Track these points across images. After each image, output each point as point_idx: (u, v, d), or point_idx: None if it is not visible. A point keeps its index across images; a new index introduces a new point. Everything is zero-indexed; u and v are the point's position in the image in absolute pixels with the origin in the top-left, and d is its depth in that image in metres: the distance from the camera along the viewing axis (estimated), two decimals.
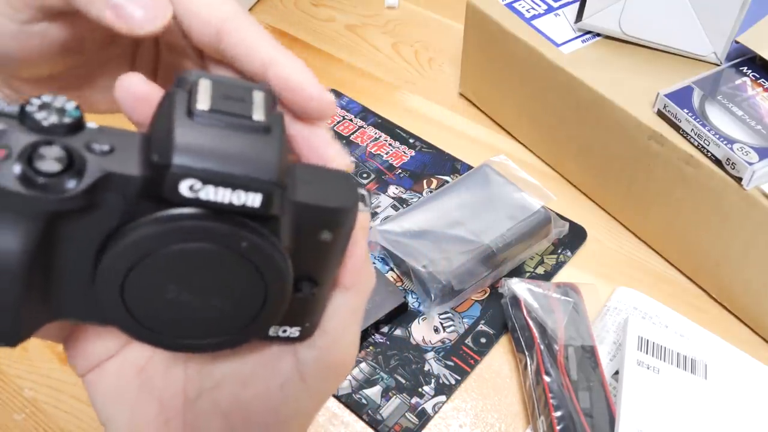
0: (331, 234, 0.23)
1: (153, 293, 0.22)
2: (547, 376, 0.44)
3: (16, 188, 0.19)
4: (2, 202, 0.19)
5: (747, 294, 0.49)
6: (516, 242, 0.52)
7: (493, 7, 0.60)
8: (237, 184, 0.20)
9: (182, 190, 0.20)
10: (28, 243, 0.20)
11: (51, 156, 0.19)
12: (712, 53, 0.53)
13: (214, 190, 0.20)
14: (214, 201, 0.20)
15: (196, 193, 0.20)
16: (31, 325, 0.23)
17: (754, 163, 0.44)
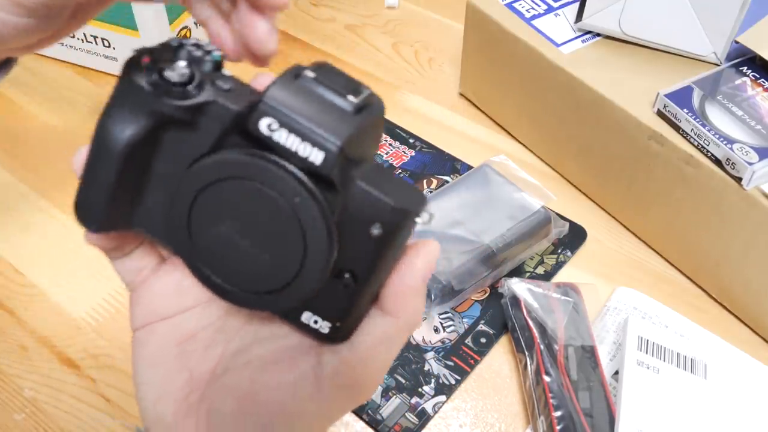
0: (381, 230, 0.23)
1: (211, 222, 0.24)
2: (547, 376, 0.44)
3: (143, 83, 0.23)
4: (127, 93, 0.23)
5: (747, 294, 0.49)
6: (516, 242, 0.52)
7: (493, 7, 0.60)
8: (307, 136, 0.22)
9: (261, 127, 0.22)
10: (136, 134, 0.24)
11: (179, 70, 0.23)
12: (712, 53, 0.53)
13: (287, 135, 0.22)
14: (283, 144, 0.22)
15: (272, 133, 0.22)
16: (115, 219, 0.26)
17: (754, 163, 0.44)
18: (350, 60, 0.75)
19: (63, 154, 0.63)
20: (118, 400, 0.47)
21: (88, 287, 0.53)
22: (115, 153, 0.24)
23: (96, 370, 0.49)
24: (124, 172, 0.25)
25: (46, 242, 0.57)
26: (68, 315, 0.52)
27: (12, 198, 0.60)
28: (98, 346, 0.50)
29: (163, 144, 0.25)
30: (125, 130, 0.24)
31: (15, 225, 0.58)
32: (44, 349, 0.50)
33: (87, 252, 0.56)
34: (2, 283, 0.54)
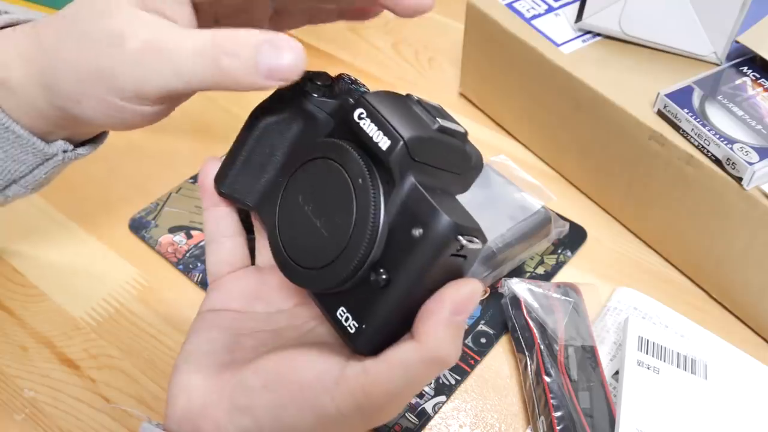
0: (421, 233, 0.24)
1: (296, 195, 0.29)
2: (547, 376, 0.44)
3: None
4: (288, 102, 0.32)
5: (747, 294, 0.49)
6: (516, 242, 0.52)
7: (493, 7, 0.60)
8: (383, 125, 0.26)
9: (354, 115, 0.26)
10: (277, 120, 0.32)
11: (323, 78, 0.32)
12: (713, 53, 0.53)
13: (369, 123, 0.26)
14: (365, 131, 0.26)
15: (360, 121, 0.26)
16: (239, 190, 0.33)
17: (755, 163, 0.44)
18: (350, 60, 0.75)
19: None
20: (118, 401, 0.47)
21: (88, 287, 0.53)
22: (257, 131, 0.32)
23: (96, 370, 0.49)
24: (256, 150, 0.32)
25: (46, 242, 0.57)
26: (68, 315, 0.52)
27: None
28: (98, 346, 0.50)
29: (290, 132, 0.31)
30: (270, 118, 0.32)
31: (15, 225, 0.58)
32: (44, 349, 0.50)
33: (87, 252, 0.56)
34: (2, 283, 0.54)
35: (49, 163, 0.35)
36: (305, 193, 0.28)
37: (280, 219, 0.29)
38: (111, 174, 0.62)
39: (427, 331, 0.25)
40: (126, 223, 0.58)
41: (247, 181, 0.32)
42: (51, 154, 0.34)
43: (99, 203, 0.60)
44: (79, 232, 0.58)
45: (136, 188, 0.61)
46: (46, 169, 0.36)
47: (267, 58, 0.25)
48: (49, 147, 0.34)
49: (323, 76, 0.32)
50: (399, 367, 0.25)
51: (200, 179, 0.34)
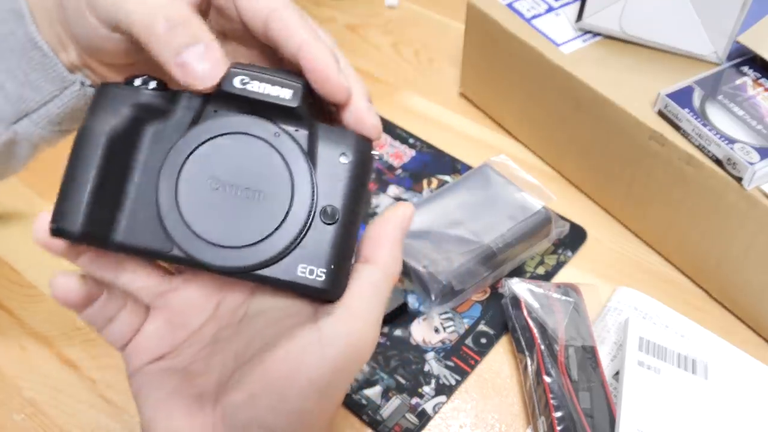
0: (350, 157, 0.27)
1: (198, 187, 0.26)
2: (547, 376, 0.44)
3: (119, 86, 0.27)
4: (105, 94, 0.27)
5: (747, 294, 0.49)
6: (516, 242, 0.52)
7: (493, 7, 0.60)
8: (275, 81, 0.26)
9: (235, 83, 0.26)
10: (118, 124, 0.26)
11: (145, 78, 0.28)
12: (713, 53, 0.53)
13: (258, 84, 0.26)
14: (257, 91, 0.26)
15: (244, 86, 0.26)
16: (95, 231, 0.26)
17: (755, 162, 0.44)
18: (350, 60, 0.75)
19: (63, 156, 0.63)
20: (118, 401, 0.47)
21: None
22: (99, 145, 0.26)
23: (96, 370, 0.48)
24: (107, 169, 0.26)
25: None
26: (68, 315, 0.52)
27: (12, 198, 0.60)
28: (98, 346, 0.50)
29: (142, 140, 0.27)
30: (108, 122, 0.26)
31: (15, 225, 0.58)
32: (44, 349, 0.50)
33: None
34: (2, 283, 0.54)
35: (66, 94, 0.35)
36: (209, 178, 0.26)
37: (188, 215, 0.26)
38: None
39: (385, 253, 0.28)
40: None
41: (104, 212, 0.27)
42: (70, 81, 0.34)
43: None
44: None
45: None
46: (61, 101, 0.35)
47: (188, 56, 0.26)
48: (69, 74, 0.34)
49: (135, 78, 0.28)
50: (370, 295, 0.27)
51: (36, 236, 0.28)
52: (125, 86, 0.27)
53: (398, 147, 0.64)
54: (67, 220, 0.26)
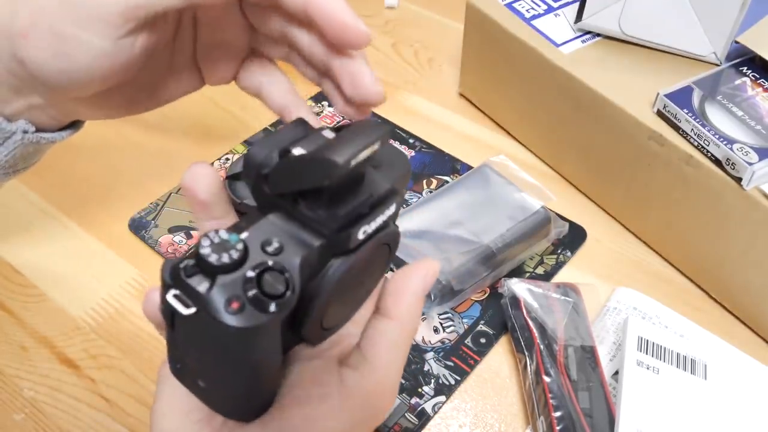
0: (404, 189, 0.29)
1: (337, 306, 0.27)
2: (546, 376, 0.44)
3: (265, 320, 0.22)
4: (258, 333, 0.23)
5: (747, 294, 0.49)
6: (516, 242, 0.52)
7: (493, 7, 0.60)
8: (381, 210, 0.26)
9: (359, 236, 0.25)
10: (278, 342, 0.25)
11: (274, 282, 0.23)
12: (712, 53, 0.53)
13: (374, 222, 0.26)
14: (376, 229, 0.26)
15: (366, 234, 0.25)
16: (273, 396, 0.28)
17: (754, 163, 0.44)
18: None
19: (64, 156, 0.63)
20: (118, 401, 0.47)
21: (88, 287, 0.53)
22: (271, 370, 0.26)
23: (96, 370, 0.49)
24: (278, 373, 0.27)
25: (46, 242, 0.57)
26: (68, 315, 0.52)
27: (12, 198, 0.60)
28: (98, 346, 0.50)
29: None
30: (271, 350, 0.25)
31: (15, 225, 0.58)
32: (44, 349, 0.50)
33: (87, 252, 0.56)
34: (2, 283, 0.54)
35: (8, 144, 0.33)
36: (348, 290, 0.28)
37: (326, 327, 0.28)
38: (111, 174, 0.62)
39: (405, 309, 0.27)
40: (126, 223, 0.58)
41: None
42: (9, 132, 0.33)
43: (99, 203, 0.60)
44: (79, 232, 0.58)
45: (136, 188, 0.61)
46: (6, 150, 0.34)
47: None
48: (8, 124, 0.33)
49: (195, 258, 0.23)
50: (392, 350, 0.27)
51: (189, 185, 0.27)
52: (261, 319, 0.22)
53: (398, 147, 0.64)
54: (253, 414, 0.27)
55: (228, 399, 0.26)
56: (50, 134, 0.36)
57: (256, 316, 0.22)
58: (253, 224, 0.24)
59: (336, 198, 0.24)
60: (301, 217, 0.25)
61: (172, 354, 0.27)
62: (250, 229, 0.24)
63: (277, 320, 0.23)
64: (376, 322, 0.28)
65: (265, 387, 0.27)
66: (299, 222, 0.25)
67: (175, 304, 0.22)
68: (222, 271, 0.22)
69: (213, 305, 0.21)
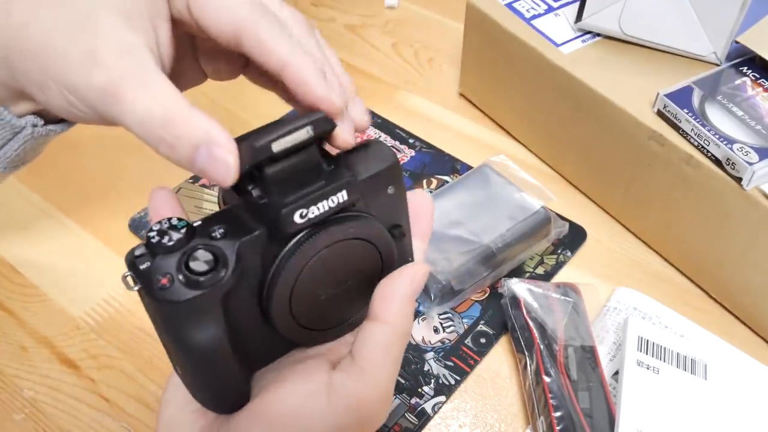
0: (393, 187, 0.29)
1: (310, 301, 0.28)
2: (546, 376, 0.44)
3: (190, 296, 0.24)
4: (187, 309, 0.24)
5: (747, 294, 0.49)
6: (516, 242, 0.52)
7: (493, 7, 0.60)
8: (324, 192, 0.26)
9: (296, 219, 0.25)
10: (220, 325, 0.25)
11: (201, 260, 0.24)
12: (712, 53, 0.53)
13: (316, 207, 0.26)
14: (319, 214, 0.26)
15: (305, 218, 0.25)
16: (244, 389, 0.28)
17: (754, 163, 0.44)
18: (350, 60, 0.75)
19: (63, 155, 0.63)
20: (118, 401, 0.47)
21: (87, 287, 0.53)
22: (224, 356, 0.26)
23: (95, 370, 0.49)
24: (235, 360, 0.27)
25: (46, 242, 0.57)
26: (68, 315, 0.52)
27: (12, 198, 0.60)
28: (98, 346, 0.50)
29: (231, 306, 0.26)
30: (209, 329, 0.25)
31: (15, 225, 0.58)
32: (44, 349, 0.50)
33: (87, 252, 0.56)
34: (2, 283, 0.54)
35: (19, 138, 0.34)
36: (314, 292, 0.28)
37: (307, 326, 0.29)
38: (111, 173, 0.62)
39: (395, 311, 0.27)
40: (126, 223, 0.58)
41: (242, 379, 0.28)
42: (19, 127, 0.33)
43: (99, 203, 0.60)
44: (79, 232, 0.58)
45: (136, 188, 0.61)
46: (15, 144, 0.34)
47: (201, 163, 0.25)
48: (17, 120, 0.33)
49: (150, 252, 0.25)
50: (383, 354, 0.27)
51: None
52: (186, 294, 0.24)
53: (398, 147, 0.64)
54: (229, 407, 0.28)
55: (195, 386, 0.27)
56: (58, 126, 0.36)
57: (181, 291, 0.24)
58: (215, 213, 0.26)
59: (284, 186, 0.25)
60: (252, 204, 0.26)
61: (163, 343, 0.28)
62: (207, 217, 0.26)
63: (208, 297, 0.24)
64: (366, 326, 0.28)
65: (224, 376, 0.27)
66: (251, 210, 0.26)
67: (125, 284, 0.24)
68: (162, 251, 0.24)
69: (147, 282, 0.24)
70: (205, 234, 0.25)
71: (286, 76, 0.27)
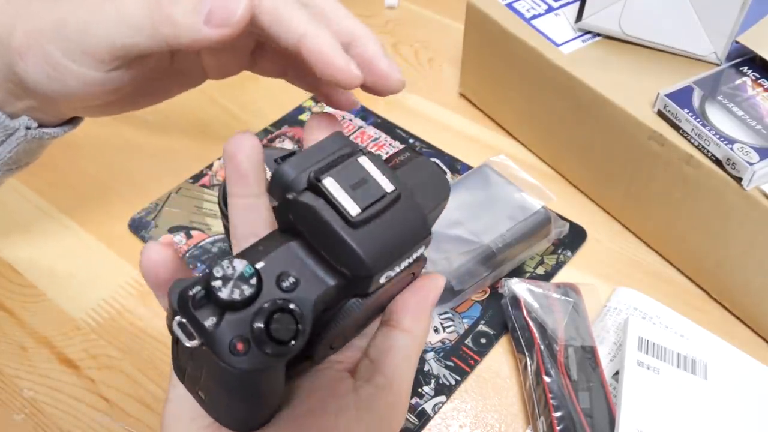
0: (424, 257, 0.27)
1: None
2: (547, 376, 0.44)
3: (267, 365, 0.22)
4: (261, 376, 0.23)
5: (747, 294, 0.49)
6: (516, 242, 0.52)
7: (493, 7, 0.60)
8: (409, 255, 0.25)
9: (382, 281, 0.24)
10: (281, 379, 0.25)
11: (284, 325, 0.22)
12: (713, 53, 0.53)
13: (399, 267, 0.25)
14: (399, 271, 0.25)
15: (390, 279, 0.25)
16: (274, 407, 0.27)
17: (755, 163, 0.44)
18: None
19: (63, 155, 0.63)
20: (118, 401, 0.47)
21: (87, 288, 0.53)
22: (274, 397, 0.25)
23: (95, 370, 0.48)
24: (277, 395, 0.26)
25: (46, 242, 0.57)
26: (68, 315, 0.52)
27: (12, 198, 0.60)
28: (98, 346, 0.50)
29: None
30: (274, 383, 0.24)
31: (14, 225, 0.58)
32: (44, 349, 0.50)
33: (87, 252, 0.56)
34: (2, 283, 0.54)
35: (12, 140, 0.34)
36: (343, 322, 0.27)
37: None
38: (111, 174, 0.62)
39: (415, 320, 0.28)
40: (126, 223, 0.58)
41: None
42: (12, 128, 0.33)
43: (99, 203, 0.60)
44: (79, 232, 0.58)
45: (136, 188, 0.61)
46: (9, 146, 0.34)
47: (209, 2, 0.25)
48: (10, 121, 0.33)
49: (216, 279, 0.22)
50: (405, 362, 0.27)
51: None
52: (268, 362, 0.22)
53: (398, 147, 0.64)
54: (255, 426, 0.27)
55: (228, 415, 0.26)
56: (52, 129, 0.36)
57: (260, 359, 0.21)
58: (272, 251, 0.23)
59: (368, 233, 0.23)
60: (322, 252, 0.24)
61: (175, 359, 0.26)
62: (267, 258, 0.23)
63: (282, 364, 0.23)
64: (389, 334, 0.28)
65: (267, 410, 0.26)
66: (318, 255, 0.24)
67: (179, 334, 0.22)
68: (232, 307, 0.21)
69: (217, 343, 0.21)
70: (274, 281, 0.23)
71: (303, 48, 0.26)
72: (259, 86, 0.68)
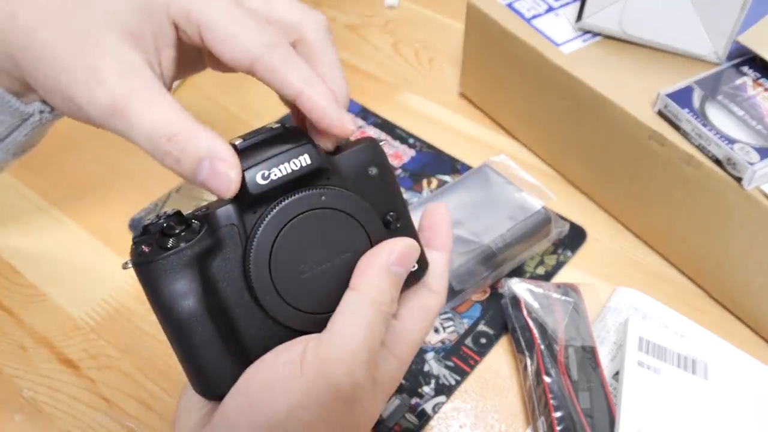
0: (376, 168, 0.30)
1: (293, 276, 0.28)
2: (547, 376, 0.44)
3: (162, 255, 0.27)
4: (163, 269, 0.27)
5: (747, 294, 0.49)
6: (516, 242, 0.52)
7: (493, 7, 0.60)
8: (287, 154, 0.27)
9: (258, 180, 0.26)
10: (197, 297, 0.27)
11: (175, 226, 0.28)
12: (713, 53, 0.53)
13: (278, 170, 0.27)
14: (282, 176, 0.27)
15: (268, 179, 0.26)
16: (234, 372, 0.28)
17: (755, 163, 0.44)
18: (350, 60, 0.75)
19: (63, 155, 0.63)
20: (117, 401, 0.47)
21: (87, 287, 0.53)
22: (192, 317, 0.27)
23: (95, 370, 0.48)
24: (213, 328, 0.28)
25: (46, 242, 0.57)
26: (68, 315, 0.52)
27: (11, 198, 0.60)
28: (97, 346, 0.50)
29: (214, 277, 0.27)
30: (180, 297, 0.27)
31: (14, 225, 0.58)
32: (43, 349, 0.50)
33: (87, 252, 0.56)
34: (2, 283, 0.54)
35: (27, 124, 0.35)
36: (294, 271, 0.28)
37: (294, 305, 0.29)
38: (111, 173, 0.62)
39: (369, 281, 0.28)
40: (126, 223, 0.58)
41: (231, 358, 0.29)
42: (27, 113, 0.34)
43: (99, 203, 0.60)
44: (80, 232, 0.58)
45: (136, 188, 0.61)
46: (25, 130, 0.35)
47: (203, 175, 0.26)
48: (25, 107, 0.34)
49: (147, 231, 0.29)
50: (356, 323, 0.27)
51: None
52: (159, 254, 0.27)
53: (398, 147, 0.64)
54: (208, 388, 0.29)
55: (183, 365, 0.29)
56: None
57: (155, 252, 0.27)
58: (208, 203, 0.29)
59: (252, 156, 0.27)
60: None
61: None
62: (203, 206, 0.28)
63: (180, 258, 0.27)
64: (344, 296, 0.29)
65: (204, 350, 0.28)
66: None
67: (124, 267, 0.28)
68: (152, 229, 0.28)
69: (133, 254, 0.28)
70: (191, 215, 0.28)
71: (300, 103, 0.28)
72: (259, 86, 0.68)
